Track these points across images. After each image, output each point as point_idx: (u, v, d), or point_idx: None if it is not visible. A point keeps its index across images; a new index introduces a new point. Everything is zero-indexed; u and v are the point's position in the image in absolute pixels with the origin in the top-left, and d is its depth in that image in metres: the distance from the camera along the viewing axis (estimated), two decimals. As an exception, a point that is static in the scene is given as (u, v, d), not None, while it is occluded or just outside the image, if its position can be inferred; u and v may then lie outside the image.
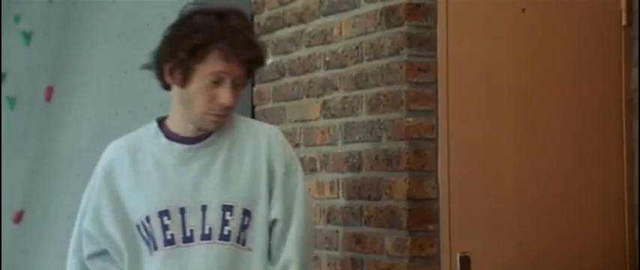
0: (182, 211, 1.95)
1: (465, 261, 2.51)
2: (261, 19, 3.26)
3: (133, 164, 2.00)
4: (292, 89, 3.06)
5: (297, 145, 3.04)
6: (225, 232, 1.96)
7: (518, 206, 2.60)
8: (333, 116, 2.87)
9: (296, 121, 3.05)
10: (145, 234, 1.96)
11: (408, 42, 2.53)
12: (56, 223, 4.22)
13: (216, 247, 1.95)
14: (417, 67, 2.54)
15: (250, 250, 1.98)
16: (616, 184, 2.68)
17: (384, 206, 2.62)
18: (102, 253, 2.03)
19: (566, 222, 2.63)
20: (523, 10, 2.62)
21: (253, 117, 3.30)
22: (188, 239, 1.94)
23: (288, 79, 3.08)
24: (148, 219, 1.95)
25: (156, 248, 1.94)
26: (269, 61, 3.27)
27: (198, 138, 2.01)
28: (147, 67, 2.03)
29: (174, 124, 2.02)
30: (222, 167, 1.99)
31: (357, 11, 2.73)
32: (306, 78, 2.99)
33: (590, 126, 2.68)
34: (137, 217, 1.97)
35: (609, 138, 2.69)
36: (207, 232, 1.95)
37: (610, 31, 2.71)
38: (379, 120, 2.63)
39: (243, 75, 1.99)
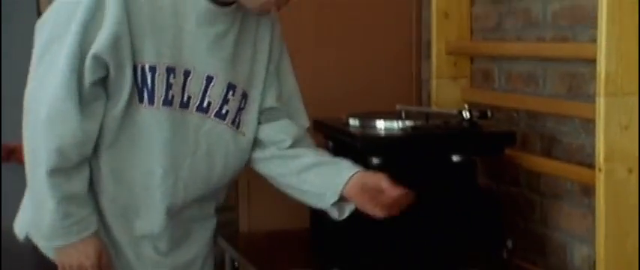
0: (186, 74, 1.79)
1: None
2: None
3: (156, 1, 1.75)
4: None
5: None
6: (223, 111, 1.85)
7: (312, 43, 2.63)
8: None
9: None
10: (140, 81, 1.76)
11: None
12: None
13: (209, 122, 1.84)
14: None
15: (244, 134, 1.90)
16: (405, 21, 2.75)
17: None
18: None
19: (359, 58, 2.69)
20: None
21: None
22: (184, 105, 1.80)
23: None
24: (153, 69, 1.75)
25: (152, 103, 1.77)
26: None
27: (223, 2, 1.79)
28: None
29: None
30: (234, 42, 1.83)
31: None
32: None
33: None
34: (139, 60, 1.75)
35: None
36: (205, 105, 1.83)
37: None
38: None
39: None
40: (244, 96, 1.89)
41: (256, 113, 1.92)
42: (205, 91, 1.83)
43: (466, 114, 2.14)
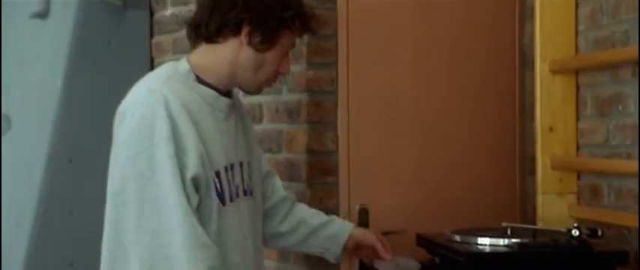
0: (232, 167, 1.95)
1: (364, 213, 2.55)
2: (158, -33, 3.19)
3: (197, 112, 1.88)
4: (191, 40, 3.01)
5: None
6: (249, 187, 2.03)
7: (416, 158, 2.66)
8: (233, 68, 2.83)
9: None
10: (213, 188, 1.89)
11: (308, -6, 2.52)
12: None
13: (250, 201, 2.03)
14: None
15: (255, 198, 2.08)
16: (509, 135, 2.75)
17: (284, 158, 2.63)
18: None
19: (462, 173, 2.70)
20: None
21: (152, 69, 3.23)
22: (237, 195, 1.97)
23: (187, 30, 3.03)
24: (218, 174, 1.90)
25: (224, 203, 1.91)
26: (168, 12, 3.21)
27: (229, 93, 2.00)
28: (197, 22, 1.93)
29: (210, 77, 1.94)
30: (241, 124, 2.04)
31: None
32: (205, 29, 2.94)
33: (484, 78, 2.74)
34: (212, 168, 1.88)
35: (503, 90, 2.75)
36: (245, 188, 2.00)
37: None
38: (279, 72, 2.62)
39: None
40: (248, 166, 2.04)
41: (258, 176, 2.11)
42: (242, 175, 1.99)
43: (575, 232, 2.08)
